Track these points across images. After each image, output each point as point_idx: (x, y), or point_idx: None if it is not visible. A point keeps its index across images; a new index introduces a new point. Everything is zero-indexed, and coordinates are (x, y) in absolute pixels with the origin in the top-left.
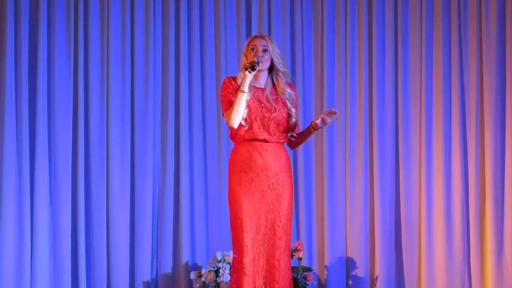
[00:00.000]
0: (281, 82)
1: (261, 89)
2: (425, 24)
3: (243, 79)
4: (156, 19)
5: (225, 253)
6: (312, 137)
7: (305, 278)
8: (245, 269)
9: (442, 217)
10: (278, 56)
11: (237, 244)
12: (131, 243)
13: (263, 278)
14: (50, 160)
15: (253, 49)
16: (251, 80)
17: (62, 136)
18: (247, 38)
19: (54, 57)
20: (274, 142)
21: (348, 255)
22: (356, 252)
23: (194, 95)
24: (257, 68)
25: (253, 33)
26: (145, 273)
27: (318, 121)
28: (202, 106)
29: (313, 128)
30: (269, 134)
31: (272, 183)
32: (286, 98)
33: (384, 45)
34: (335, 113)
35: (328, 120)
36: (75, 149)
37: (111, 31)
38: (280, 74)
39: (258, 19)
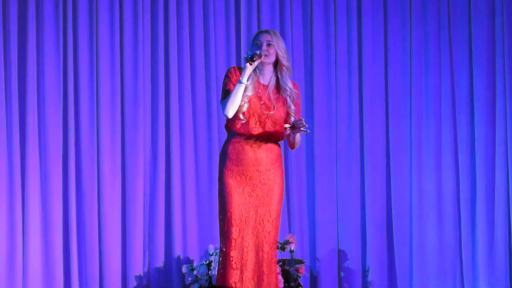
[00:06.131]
0: (285, 77)
1: (264, 85)
2: (414, 24)
3: (244, 70)
4: (145, 18)
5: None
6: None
7: (297, 270)
8: (232, 262)
9: (434, 207)
10: (283, 51)
11: (225, 237)
12: (123, 239)
13: (252, 272)
14: (40, 162)
15: (257, 44)
16: (257, 75)
17: (52, 137)
18: (236, 38)
19: (43, 58)
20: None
21: (340, 247)
22: (348, 243)
23: (184, 92)
24: (257, 60)
25: (242, 32)
26: (137, 268)
27: (287, 130)
28: (192, 102)
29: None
30: (265, 131)
31: (263, 178)
32: (287, 95)
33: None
34: (305, 125)
35: (298, 129)
36: (66, 151)
37: (100, 37)
38: (284, 68)
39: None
